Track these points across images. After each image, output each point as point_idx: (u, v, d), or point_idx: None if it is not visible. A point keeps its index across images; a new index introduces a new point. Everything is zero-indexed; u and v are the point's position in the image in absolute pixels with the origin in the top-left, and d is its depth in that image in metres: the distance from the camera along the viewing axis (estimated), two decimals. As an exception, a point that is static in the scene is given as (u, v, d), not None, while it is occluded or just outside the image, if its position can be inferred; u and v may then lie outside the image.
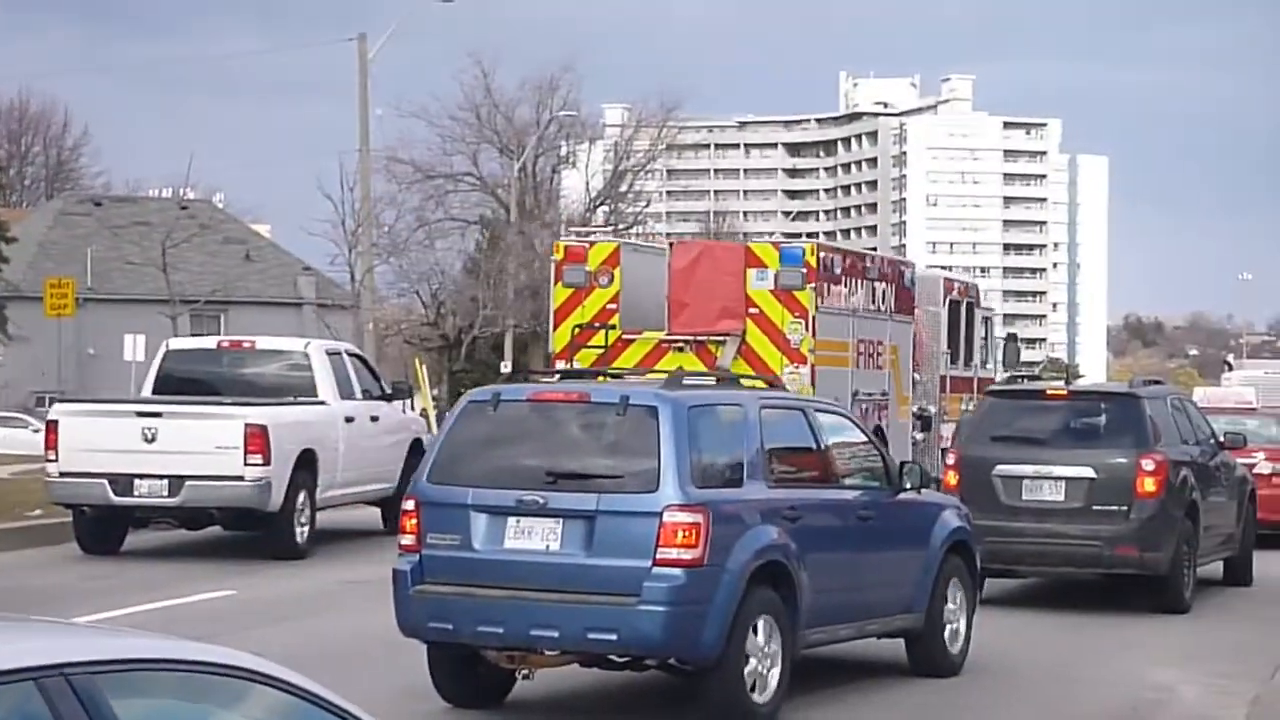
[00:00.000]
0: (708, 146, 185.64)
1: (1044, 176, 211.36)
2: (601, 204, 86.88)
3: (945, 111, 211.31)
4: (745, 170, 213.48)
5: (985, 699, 14.59)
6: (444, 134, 79.93)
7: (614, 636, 12.10)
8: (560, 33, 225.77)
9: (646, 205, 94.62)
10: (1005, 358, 31.20)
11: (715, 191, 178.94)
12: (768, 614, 12.63)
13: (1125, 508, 19.56)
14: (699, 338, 23.48)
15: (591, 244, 24.41)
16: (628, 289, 23.61)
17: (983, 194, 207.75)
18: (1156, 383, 24.07)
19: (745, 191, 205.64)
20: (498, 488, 12.56)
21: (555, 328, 24.14)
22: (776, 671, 12.70)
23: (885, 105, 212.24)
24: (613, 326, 23.59)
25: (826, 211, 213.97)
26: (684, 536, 12.08)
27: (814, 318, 23.43)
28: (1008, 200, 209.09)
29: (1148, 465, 19.66)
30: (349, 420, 23.93)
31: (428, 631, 12.67)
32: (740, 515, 12.61)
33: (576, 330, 23.74)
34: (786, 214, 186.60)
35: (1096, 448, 20.05)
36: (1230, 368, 70.92)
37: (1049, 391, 21.79)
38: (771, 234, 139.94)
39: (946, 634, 15.04)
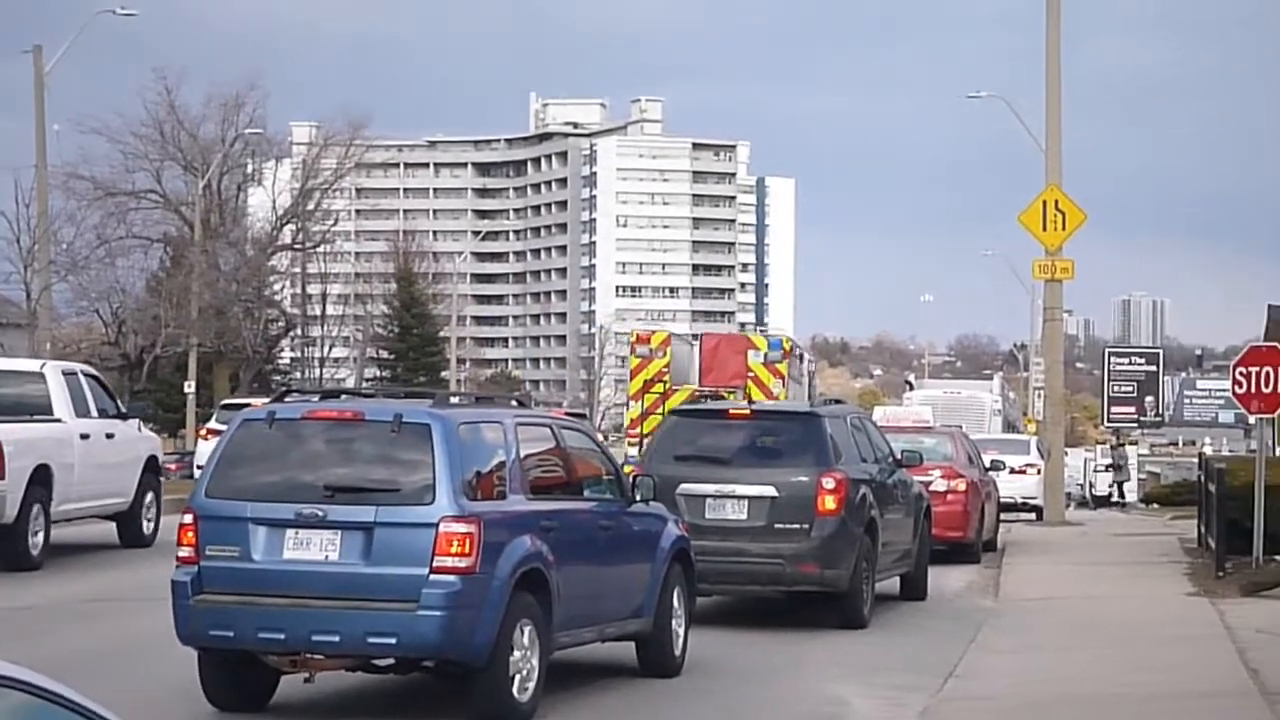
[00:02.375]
0: (397, 165, 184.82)
1: (733, 198, 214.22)
2: (288, 222, 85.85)
3: (635, 133, 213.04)
4: (435, 190, 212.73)
5: (715, 697, 15.29)
6: (126, 150, 78.26)
7: (394, 640, 12.88)
8: (246, 50, 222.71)
9: (334, 224, 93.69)
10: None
11: (405, 211, 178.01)
12: (529, 618, 13.50)
13: (806, 526, 19.74)
14: (718, 389, 35.31)
15: (653, 332, 39.91)
16: (674, 359, 37.30)
17: (672, 215, 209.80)
18: (837, 402, 24.46)
19: (435, 211, 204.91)
20: (276, 501, 13.25)
21: (631, 379, 38.18)
22: (536, 672, 13.57)
23: (575, 126, 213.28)
24: (665, 381, 36.60)
25: (517, 231, 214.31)
26: (459, 546, 12.89)
27: (786, 379, 36.84)
28: (697, 221, 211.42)
29: (828, 484, 19.86)
30: (84, 437, 24.78)
31: (208, 639, 13.27)
32: (506, 525, 13.44)
33: (644, 383, 36.82)
34: (476, 234, 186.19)
35: (778, 467, 20.22)
36: (911, 387, 72.69)
37: (732, 411, 21.95)
38: (461, 254, 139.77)
39: (671, 638, 16.01)
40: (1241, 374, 24.39)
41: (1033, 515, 42.21)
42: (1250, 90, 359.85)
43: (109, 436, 25.52)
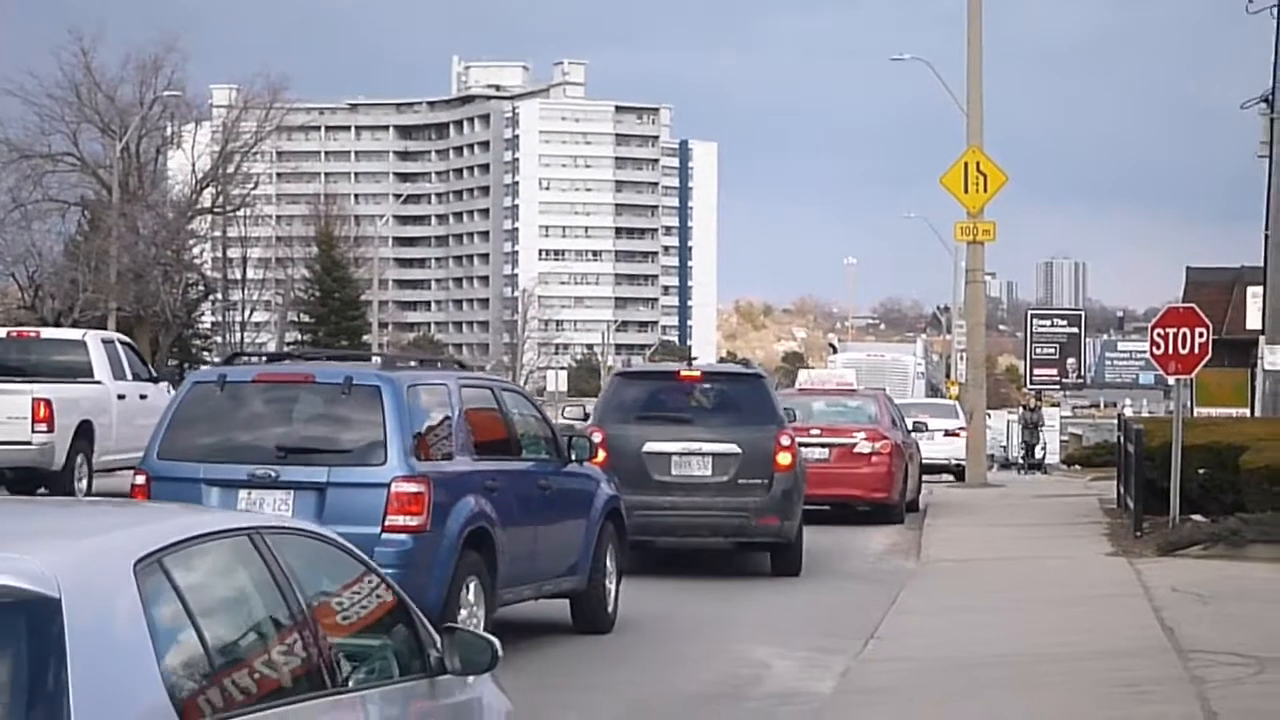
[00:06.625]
0: (318, 128, 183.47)
1: (655, 161, 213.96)
2: (208, 185, 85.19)
3: (557, 96, 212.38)
4: (356, 153, 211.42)
5: (641, 656, 15.57)
6: (42, 112, 77.35)
7: None
8: (163, 11, 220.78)
9: (254, 187, 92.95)
10: None
11: (326, 174, 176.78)
12: (475, 576, 13.76)
13: (766, 481, 20.70)
14: None
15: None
16: None
17: (595, 178, 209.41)
18: (745, 363, 24.86)
19: (356, 174, 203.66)
20: (229, 462, 13.49)
21: None
22: (481, 628, 13.55)
23: (498, 89, 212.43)
24: None
25: (439, 194, 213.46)
26: (410, 505, 13.23)
27: None
28: (620, 185, 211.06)
29: (784, 441, 21.00)
30: (121, 397, 27.79)
31: None
32: (454, 485, 13.74)
33: None
34: (398, 197, 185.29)
35: (738, 425, 21.03)
36: (835, 351, 73.08)
37: (682, 373, 22.82)
38: (383, 217, 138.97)
39: (604, 595, 16.35)
40: (1159, 335, 24.52)
41: (954, 477, 42.37)
42: (1171, 55, 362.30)
43: (142, 397, 28.12)
